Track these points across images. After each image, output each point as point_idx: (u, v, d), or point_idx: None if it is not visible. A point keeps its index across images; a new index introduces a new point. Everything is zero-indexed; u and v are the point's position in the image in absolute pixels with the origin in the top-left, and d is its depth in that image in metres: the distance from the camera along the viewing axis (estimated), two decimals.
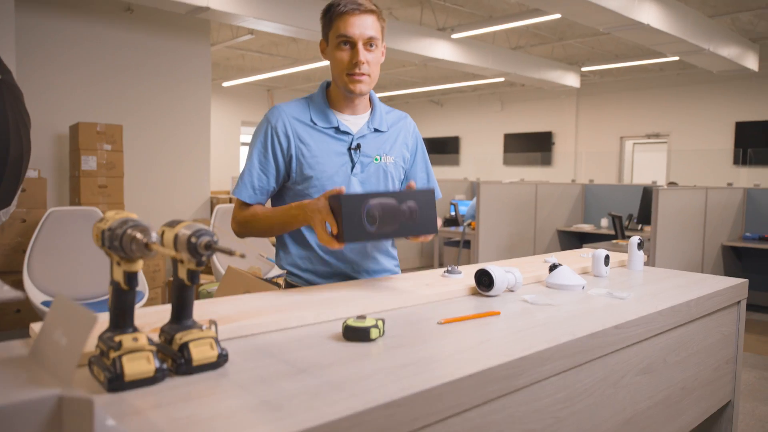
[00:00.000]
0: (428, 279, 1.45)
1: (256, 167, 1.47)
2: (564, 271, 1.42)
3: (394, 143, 1.54)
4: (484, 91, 12.70)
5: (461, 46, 8.05)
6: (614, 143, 11.07)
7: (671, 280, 1.56)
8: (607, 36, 7.98)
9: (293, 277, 1.51)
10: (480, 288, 1.31)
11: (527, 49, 9.04)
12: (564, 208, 6.32)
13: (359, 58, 1.39)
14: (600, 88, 11.25)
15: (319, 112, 1.48)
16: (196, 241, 0.76)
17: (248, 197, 1.47)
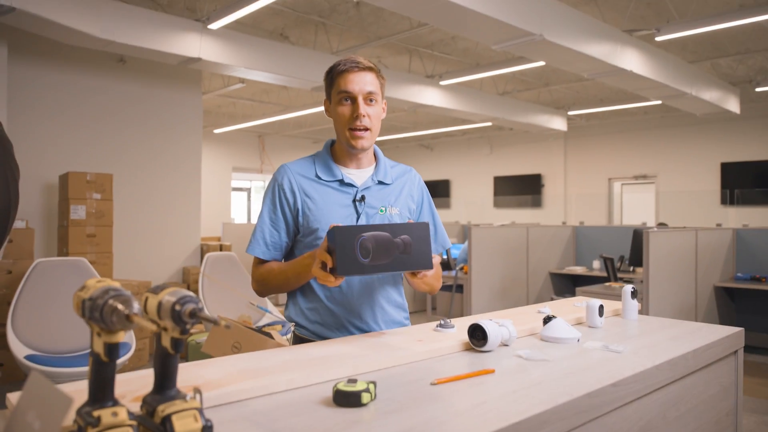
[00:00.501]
0: (421, 334, 1.43)
1: (267, 224, 1.51)
2: (558, 324, 1.40)
3: (399, 195, 1.57)
4: (473, 135, 12.88)
5: (449, 92, 8.20)
6: (603, 185, 11.19)
7: (667, 331, 1.54)
8: (591, 81, 8.17)
9: (302, 330, 1.51)
10: (474, 342, 1.29)
11: (514, 95, 9.22)
12: (556, 250, 6.33)
13: (359, 112, 1.44)
14: (587, 131, 11.45)
15: (323, 167, 1.52)
16: (180, 309, 0.74)
17: (262, 253, 1.51)
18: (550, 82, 8.56)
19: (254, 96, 9.64)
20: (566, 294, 6.08)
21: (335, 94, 1.47)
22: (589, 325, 1.58)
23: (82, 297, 0.74)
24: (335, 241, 1.19)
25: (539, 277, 6.05)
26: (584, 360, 1.24)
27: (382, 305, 1.52)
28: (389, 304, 1.54)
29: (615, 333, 1.52)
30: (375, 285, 1.51)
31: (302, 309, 1.51)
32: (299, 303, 1.51)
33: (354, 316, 1.48)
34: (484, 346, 1.27)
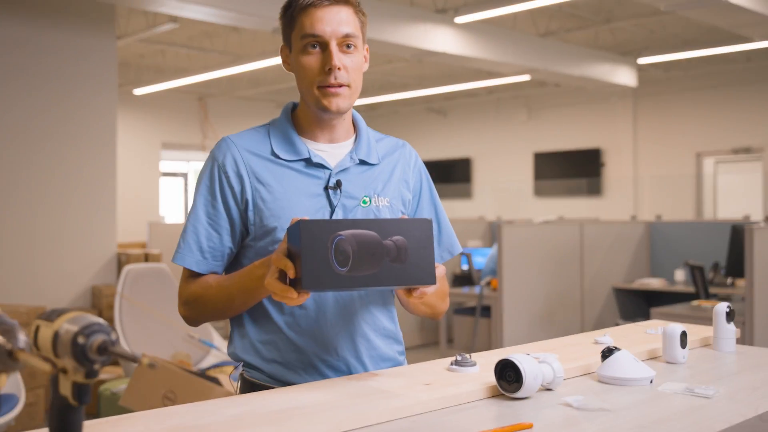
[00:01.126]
0: (429, 375, 1.44)
1: (202, 222, 1.51)
2: (623, 359, 1.42)
3: (389, 180, 1.58)
4: (504, 94, 12.89)
5: (469, 34, 8.19)
6: (689, 162, 11.22)
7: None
8: (671, 15, 8.18)
9: (253, 372, 1.51)
10: (503, 386, 1.30)
11: (561, 36, 9.23)
12: (622, 256, 6.35)
13: (333, 62, 1.44)
14: (665, 86, 11.46)
15: (282, 141, 1.52)
16: (85, 342, 0.74)
17: (195, 263, 1.50)
18: (613, 16, 8.57)
19: (192, 41, 9.61)
20: (638, 317, 6.11)
21: (297, 39, 1.47)
22: (667, 361, 1.60)
23: None
24: (300, 242, 1.19)
25: (599, 294, 6.07)
26: (660, 409, 1.25)
27: (366, 335, 1.53)
28: (377, 334, 1.55)
29: (703, 370, 1.53)
30: (356, 306, 1.52)
31: (253, 342, 1.51)
32: (249, 334, 1.51)
33: (327, 352, 1.48)
34: (517, 391, 1.28)
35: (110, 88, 6.35)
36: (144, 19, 8.20)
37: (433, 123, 14.24)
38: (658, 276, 6.48)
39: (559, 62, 9.19)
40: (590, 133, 12.19)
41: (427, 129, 14.26)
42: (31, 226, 5.85)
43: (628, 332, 1.91)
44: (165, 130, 12.50)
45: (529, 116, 12.96)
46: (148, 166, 12.13)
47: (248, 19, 6.52)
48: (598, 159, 12.03)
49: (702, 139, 11.08)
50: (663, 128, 11.50)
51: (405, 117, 14.61)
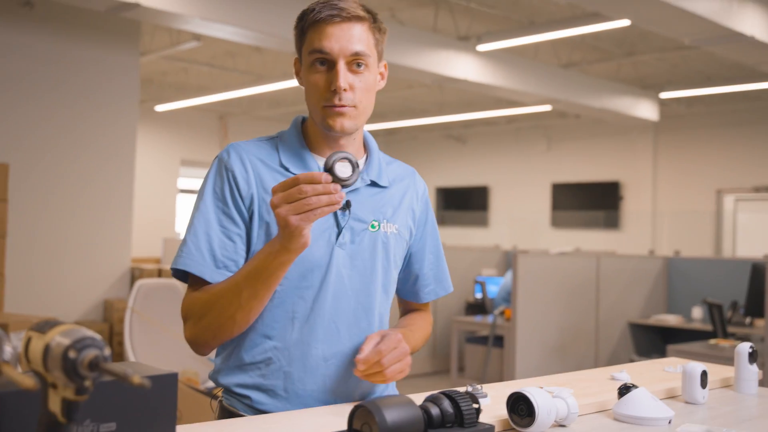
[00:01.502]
0: None
1: (215, 228, 1.40)
2: (641, 397, 1.38)
3: (399, 207, 1.54)
4: (524, 123, 12.89)
5: (490, 62, 8.21)
6: (708, 199, 11.14)
7: None
8: (695, 51, 8.16)
9: (233, 399, 1.44)
10: (515, 420, 1.27)
11: (583, 67, 9.23)
12: (639, 291, 6.29)
13: (339, 83, 1.38)
14: (687, 121, 11.42)
15: (291, 154, 1.47)
16: (76, 357, 0.71)
17: (209, 273, 1.37)
18: (636, 50, 8.56)
19: (214, 60, 9.70)
20: (653, 354, 6.03)
21: (306, 54, 1.42)
22: (686, 400, 1.56)
23: None
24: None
25: (614, 328, 6.00)
26: None
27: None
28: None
29: (724, 413, 1.49)
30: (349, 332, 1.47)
31: (237, 366, 1.44)
32: (232, 356, 1.44)
33: (314, 381, 1.42)
34: (530, 426, 1.24)
35: (132, 104, 6.41)
36: (168, 36, 8.27)
37: (452, 150, 14.25)
38: (675, 312, 6.41)
39: (581, 94, 9.18)
40: (610, 165, 12.14)
41: (445, 156, 14.26)
42: (47, 237, 5.87)
43: (646, 369, 1.86)
44: (184, 147, 12.59)
45: (549, 147, 12.94)
46: (166, 182, 12.22)
47: (270, 39, 6.55)
48: (617, 192, 11.97)
49: (723, 176, 11.01)
50: (683, 164, 11.44)
51: (424, 143, 14.63)
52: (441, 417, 1.08)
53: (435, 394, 1.13)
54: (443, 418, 1.08)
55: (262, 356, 1.42)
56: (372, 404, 1.02)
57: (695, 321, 6.13)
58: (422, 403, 1.11)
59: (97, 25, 6.19)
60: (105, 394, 0.90)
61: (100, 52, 6.19)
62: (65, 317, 5.89)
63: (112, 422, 0.92)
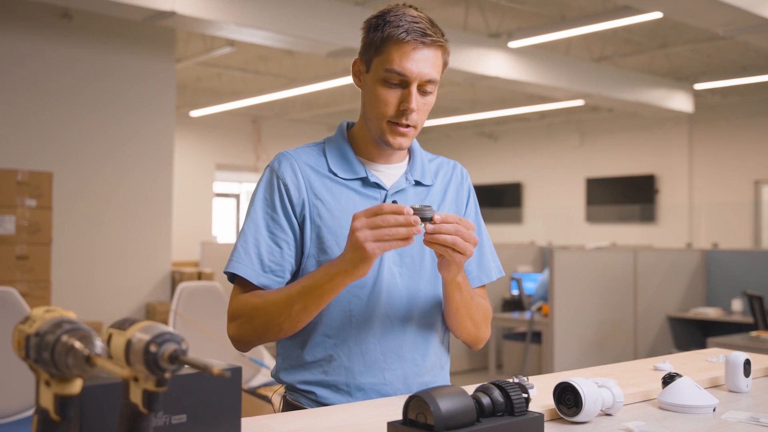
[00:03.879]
0: None
1: (263, 234, 1.47)
2: (685, 386, 1.39)
3: (443, 201, 1.58)
4: (556, 119, 12.82)
5: (522, 58, 8.19)
6: (746, 190, 10.99)
7: None
8: (728, 41, 8.07)
9: (296, 394, 1.50)
10: (562, 410, 1.29)
11: (615, 61, 9.16)
12: (677, 284, 6.24)
13: (411, 106, 1.42)
14: (722, 112, 11.28)
15: (339, 159, 1.53)
16: (156, 351, 0.76)
17: (254, 276, 1.44)
18: (669, 42, 8.48)
19: (247, 65, 9.80)
20: (692, 347, 5.98)
21: (380, 67, 1.44)
22: (730, 389, 1.56)
23: (26, 332, 0.76)
24: None
25: (653, 322, 5.97)
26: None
27: (415, 360, 1.51)
28: (425, 360, 1.53)
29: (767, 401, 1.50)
30: (407, 330, 1.51)
31: (298, 364, 1.49)
32: (293, 356, 1.49)
33: (373, 375, 1.47)
34: (576, 416, 1.26)
35: (168, 111, 6.50)
36: (202, 42, 8.38)
37: (484, 147, 14.21)
38: (715, 305, 6.34)
39: (613, 87, 9.12)
40: (644, 159, 12.03)
41: (477, 153, 14.23)
42: (89, 242, 5.98)
43: (688, 359, 1.87)
44: (219, 152, 12.70)
45: (582, 141, 12.85)
46: (202, 186, 12.33)
47: (303, 42, 6.61)
48: (652, 185, 11.86)
49: (760, 166, 10.86)
50: (719, 155, 11.30)
51: (456, 141, 14.61)
52: (492, 406, 1.12)
53: (485, 384, 1.16)
54: (494, 407, 1.12)
55: (323, 354, 1.47)
56: (426, 394, 1.06)
57: (735, 313, 6.07)
58: (473, 393, 1.14)
59: (133, 35, 6.29)
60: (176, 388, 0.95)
61: (136, 60, 6.30)
62: (109, 321, 6.00)
63: (182, 414, 0.97)
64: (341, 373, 1.47)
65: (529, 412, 1.15)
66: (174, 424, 0.96)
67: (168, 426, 0.95)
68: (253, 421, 1.24)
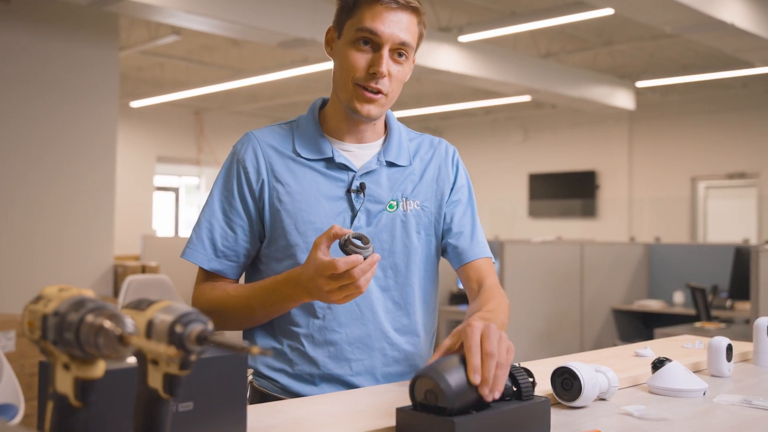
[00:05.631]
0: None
1: (218, 218, 1.47)
2: (676, 370, 1.40)
3: (420, 181, 1.53)
4: (501, 114, 12.97)
5: (472, 53, 8.25)
6: (684, 186, 11.30)
7: None
8: (671, 39, 8.27)
9: (263, 380, 1.47)
10: (560, 394, 1.28)
11: (561, 57, 9.30)
12: (621, 277, 6.36)
13: (380, 68, 1.38)
14: (662, 110, 11.57)
15: (306, 139, 1.49)
16: (183, 332, 0.72)
17: (207, 261, 1.46)
18: (613, 39, 8.65)
19: (191, 55, 9.62)
20: (635, 339, 6.10)
21: (351, 29, 1.41)
22: (712, 374, 1.59)
23: (42, 311, 0.72)
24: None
25: (598, 315, 6.07)
26: (721, 420, 1.24)
27: (384, 351, 1.48)
28: (395, 351, 1.49)
29: (750, 384, 1.52)
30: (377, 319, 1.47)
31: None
32: (257, 342, 1.48)
33: (343, 365, 1.44)
34: (575, 400, 1.26)
35: (111, 100, 6.33)
36: (146, 30, 8.20)
37: None
38: (657, 298, 6.48)
39: (559, 83, 9.25)
40: (586, 155, 12.27)
41: None
42: (29, 235, 5.80)
43: (666, 346, 1.90)
44: (160, 144, 12.50)
45: (525, 137, 13.03)
46: (142, 179, 12.12)
47: (254, 32, 6.52)
48: (594, 181, 12.10)
49: (697, 163, 11.18)
50: (659, 151, 11.60)
51: None
52: None
53: None
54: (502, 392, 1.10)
55: (288, 342, 1.45)
56: (434, 372, 1.04)
57: (677, 305, 6.21)
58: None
59: (74, 20, 6.10)
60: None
61: (78, 45, 6.11)
62: None
63: (189, 402, 0.93)
64: (306, 362, 1.44)
65: (535, 397, 1.14)
66: (181, 412, 0.92)
67: (176, 413, 0.91)
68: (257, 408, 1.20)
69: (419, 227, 1.51)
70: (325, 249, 1.24)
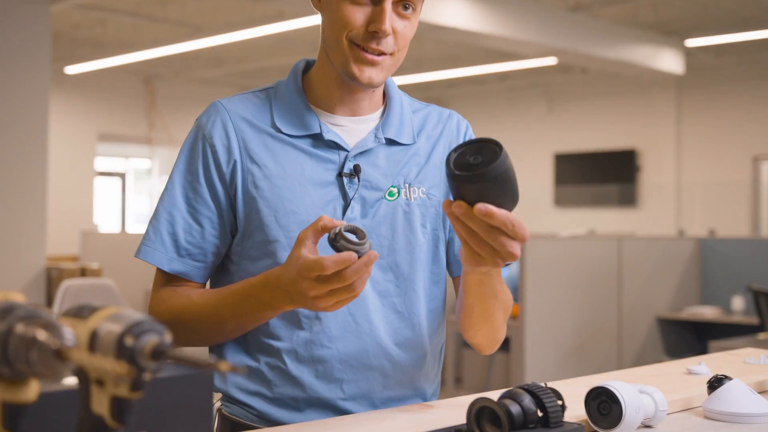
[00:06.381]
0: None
1: (180, 208, 1.46)
2: (737, 390, 1.40)
3: (426, 163, 1.53)
4: (519, 81, 12.96)
5: (483, 6, 8.23)
6: (743, 167, 11.31)
7: None
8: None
9: (235, 407, 1.47)
10: (597, 420, 1.28)
11: (594, 11, 9.29)
12: (668, 280, 6.38)
13: (383, 26, 1.36)
14: (716, 75, 11.56)
15: (287, 111, 1.48)
16: (134, 344, 0.72)
17: (166, 262, 1.45)
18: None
19: (140, 9, 9.58)
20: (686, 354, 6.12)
21: None
22: None
23: None
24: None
25: (640, 324, 6.09)
26: None
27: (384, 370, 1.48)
28: (396, 371, 1.50)
29: None
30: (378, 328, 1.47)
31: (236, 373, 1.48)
32: (230, 359, 1.47)
33: (335, 387, 1.45)
34: (615, 427, 1.26)
35: (41, 65, 6.33)
36: None
37: None
38: (712, 304, 6.50)
39: (590, 42, 9.23)
40: (624, 130, 12.26)
41: None
42: None
43: (723, 362, 1.90)
44: (103, 119, 12.47)
45: (550, 109, 13.03)
46: (80, 162, 12.13)
47: None
48: (633, 162, 12.10)
49: (761, 139, 11.17)
50: (713, 125, 11.59)
51: None
52: (523, 416, 1.11)
53: (513, 389, 1.15)
54: (525, 418, 1.11)
55: (266, 359, 1.44)
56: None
57: (736, 313, 6.23)
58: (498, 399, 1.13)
59: None
60: None
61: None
62: None
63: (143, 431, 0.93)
64: (288, 384, 1.43)
65: (566, 424, 1.14)
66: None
67: None
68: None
69: (425, 220, 1.51)
70: (311, 245, 1.23)
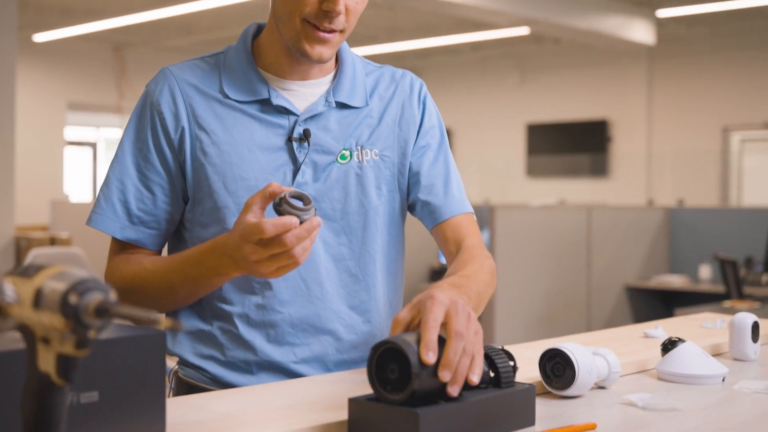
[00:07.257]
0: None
1: (131, 175, 1.46)
2: (690, 352, 1.41)
3: (379, 125, 1.53)
4: (492, 51, 12.92)
5: None
6: (713, 138, 11.36)
7: None
8: None
9: (190, 370, 1.48)
10: (550, 382, 1.29)
11: None
12: (637, 249, 6.42)
13: (336, 6, 1.35)
14: (688, 46, 11.58)
15: (236, 77, 1.48)
16: (78, 303, 0.71)
17: (119, 230, 1.45)
18: None
19: None
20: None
21: None
22: (735, 357, 1.60)
23: None
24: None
25: (609, 293, 6.13)
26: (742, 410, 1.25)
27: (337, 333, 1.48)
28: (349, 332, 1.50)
29: None
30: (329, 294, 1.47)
31: (188, 336, 1.48)
32: (181, 322, 1.47)
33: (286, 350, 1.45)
34: (568, 388, 1.27)
35: (7, 33, 6.24)
36: None
37: None
38: (680, 272, 6.55)
39: (562, 13, 9.20)
40: (595, 101, 12.28)
41: None
42: None
43: (681, 325, 1.92)
44: (72, 88, 12.36)
45: (522, 80, 13.01)
46: (50, 132, 12.03)
47: None
48: (605, 132, 12.13)
49: (731, 110, 11.21)
50: (684, 96, 11.62)
51: None
52: None
53: None
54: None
55: (218, 323, 1.45)
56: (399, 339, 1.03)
57: (703, 282, 6.29)
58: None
59: None
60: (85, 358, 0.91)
61: None
62: None
63: (93, 391, 0.93)
64: (239, 347, 1.44)
65: (517, 384, 1.15)
66: (83, 404, 0.92)
67: (77, 405, 0.91)
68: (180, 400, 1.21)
69: (379, 181, 1.51)
70: (257, 210, 1.22)
